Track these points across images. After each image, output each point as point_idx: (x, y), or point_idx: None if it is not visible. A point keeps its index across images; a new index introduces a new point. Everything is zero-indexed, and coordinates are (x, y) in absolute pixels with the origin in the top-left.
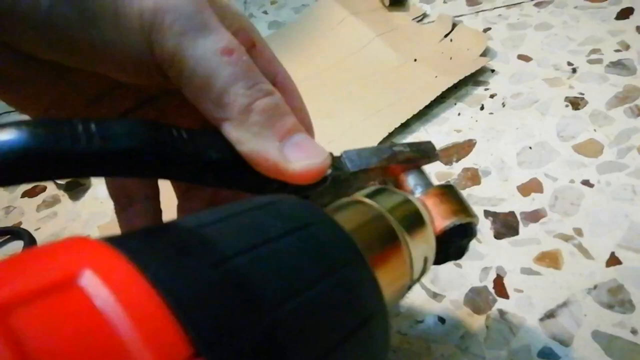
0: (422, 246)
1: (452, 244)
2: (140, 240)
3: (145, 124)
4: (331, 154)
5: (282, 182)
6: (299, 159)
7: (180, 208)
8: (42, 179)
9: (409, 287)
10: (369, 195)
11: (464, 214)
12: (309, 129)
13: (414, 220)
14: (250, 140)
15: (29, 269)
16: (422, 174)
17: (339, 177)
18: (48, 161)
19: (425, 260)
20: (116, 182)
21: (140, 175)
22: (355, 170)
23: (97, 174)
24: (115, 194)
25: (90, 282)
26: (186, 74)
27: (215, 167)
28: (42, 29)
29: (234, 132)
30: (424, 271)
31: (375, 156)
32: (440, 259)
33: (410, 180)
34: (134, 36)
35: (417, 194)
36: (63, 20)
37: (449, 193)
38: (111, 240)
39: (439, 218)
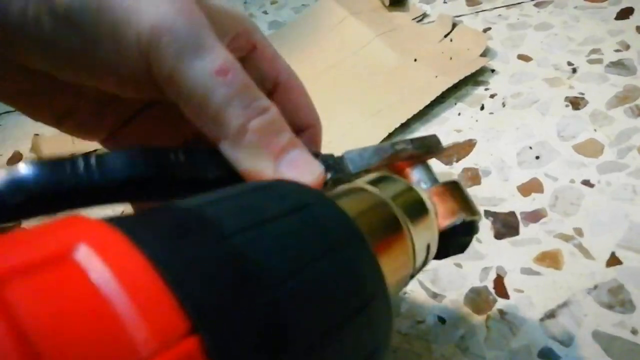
0: (425, 234)
1: (455, 241)
2: (137, 219)
3: (143, 152)
4: (332, 155)
5: None
6: (293, 177)
7: None
8: (50, 213)
9: (412, 276)
10: (372, 183)
11: (468, 212)
12: (315, 125)
13: (417, 209)
14: (246, 159)
15: (24, 244)
16: (428, 168)
17: (342, 179)
18: (53, 198)
19: (428, 248)
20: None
21: (141, 199)
22: (357, 172)
23: (100, 204)
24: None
25: (86, 255)
26: (183, 94)
27: (214, 186)
28: (45, 49)
29: (230, 152)
30: (426, 259)
31: (376, 156)
32: (441, 255)
33: (415, 176)
34: (133, 57)
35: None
36: (65, 42)
37: (453, 190)
38: (108, 219)
39: (443, 215)
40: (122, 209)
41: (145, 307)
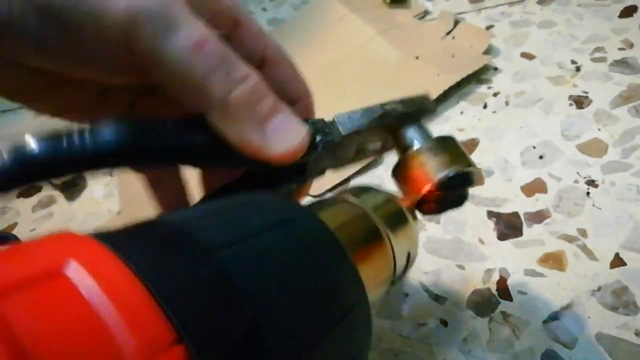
0: (405, 243)
1: (452, 193)
2: (124, 235)
3: (132, 123)
4: (322, 119)
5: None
6: (277, 143)
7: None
8: (49, 179)
9: (393, 283)
10: (354, 194)
11: (463, 163)
12: (306, 96)
13: (397, 218)
14: (233, 129)
15: (15, 261)
16: (421, 128)
17: (332, 141)
18: (52, 166)
19: (408, 256)
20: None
21: (135, 166)
22: (348, 134)
23: (94, 170)
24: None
25: (76, 271)
26: (165, 72)
27: (203, 151)
28: (35, 45)
29: (217, 123)
30: (407, 267)
31: (366, 117)
32: (440, 209)
33: (408, 135)
34: (114, 42)
35: (415, 147)
36: (50, 36)
37: (447, 143)
38: (96, 235)
39: (436, 169)
40: (108, 219)
41: (134, 320)
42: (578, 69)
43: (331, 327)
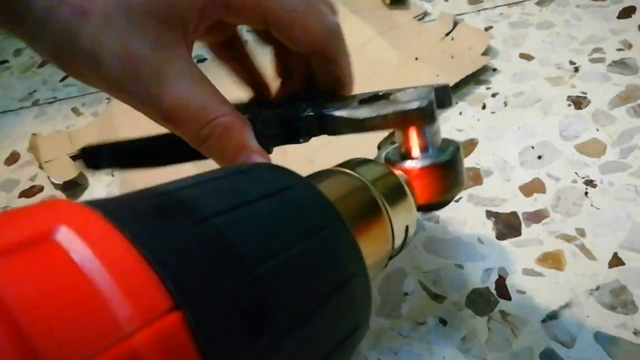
0: (403, 217)
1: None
2: (117, 202)
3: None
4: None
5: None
6: None
7: None
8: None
9: (391, 257)
10: (353, 166)
11: (459, 188)
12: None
13: (396, 192)
14: None
15: (4, 227)
16: (436, 128)
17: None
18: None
19: (407, 230)
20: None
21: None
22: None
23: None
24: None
25: (66, 237)
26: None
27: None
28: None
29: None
30: (405, 241)
31: (379, 109)
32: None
33: (426, 136)
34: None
35: (432, 157)
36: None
37: (456, 159)
38: (88, 202)
39: (447, 187)
40: None
41: (129, 286)
42: (576, 69)
43: (330, 294)
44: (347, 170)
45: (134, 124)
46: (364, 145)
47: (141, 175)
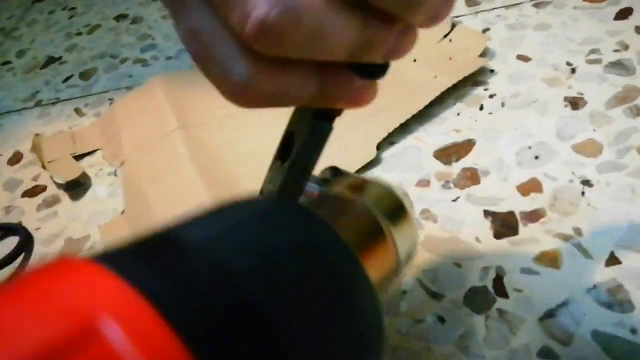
0: (406, 237)
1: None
2: (146, 265)
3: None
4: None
5: None
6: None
7: None
8: None
9: (397, 275)
10: (353, 188)
11: None
12: None
13: (398, 213)
14: None
15: (34, 315)
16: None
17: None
18: None
19: (409, 249)
20: None
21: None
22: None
23: None
24: None
25: (112, 332)
26: None
27: None
28: None
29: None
30: (408, 259)
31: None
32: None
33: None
34: None
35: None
36: None
37: None
38: (113, 264)
39: None
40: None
41: None
42: (573, 70)
43: (350, 346)
44: (348, 194)
45: (136, 125)
46: (364, 145)
47: (143, 175)
